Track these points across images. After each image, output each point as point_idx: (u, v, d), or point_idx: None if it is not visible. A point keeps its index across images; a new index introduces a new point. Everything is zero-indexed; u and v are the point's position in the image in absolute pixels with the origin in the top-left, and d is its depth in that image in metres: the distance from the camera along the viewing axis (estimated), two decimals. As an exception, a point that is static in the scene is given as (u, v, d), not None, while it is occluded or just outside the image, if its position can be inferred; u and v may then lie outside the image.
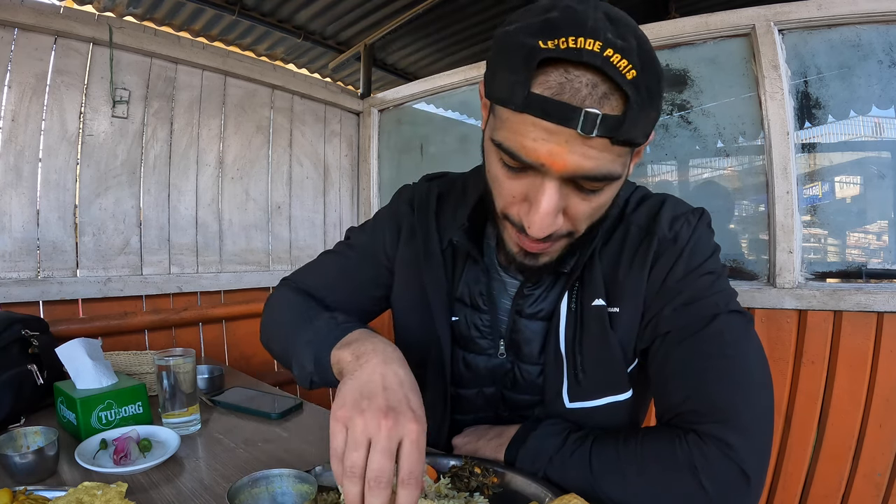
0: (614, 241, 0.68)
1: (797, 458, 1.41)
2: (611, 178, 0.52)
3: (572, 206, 0.54)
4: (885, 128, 1.38)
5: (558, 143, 0.48)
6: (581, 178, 0.51)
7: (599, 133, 0.47)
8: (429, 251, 0.76)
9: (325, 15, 2.24)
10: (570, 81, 0.47)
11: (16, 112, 1.41)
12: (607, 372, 0.67)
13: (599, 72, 0.47)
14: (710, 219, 0.70)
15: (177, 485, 0.69)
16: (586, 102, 0.47)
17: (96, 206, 1.57)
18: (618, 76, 0.46)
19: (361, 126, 2.43)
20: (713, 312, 0.61)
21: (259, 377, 1.34)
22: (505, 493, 0.62)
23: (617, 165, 0.51)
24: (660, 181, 1.69)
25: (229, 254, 1.93)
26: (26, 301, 1.40)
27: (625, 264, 0.66)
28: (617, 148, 0.50)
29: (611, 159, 0.50)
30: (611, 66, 0.46)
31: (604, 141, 0.48)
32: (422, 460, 0.47)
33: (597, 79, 0.47)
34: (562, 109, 0.47)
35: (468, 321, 0.75)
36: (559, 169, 0.50)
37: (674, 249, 0.64)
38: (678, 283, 0.63)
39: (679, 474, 0.54)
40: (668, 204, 0.69)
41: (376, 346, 0.56)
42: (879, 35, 1.34)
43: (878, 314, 1.29)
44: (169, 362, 0.86)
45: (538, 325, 0.71)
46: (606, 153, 0.49)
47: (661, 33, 1.59)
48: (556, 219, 0.54)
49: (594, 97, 0.47)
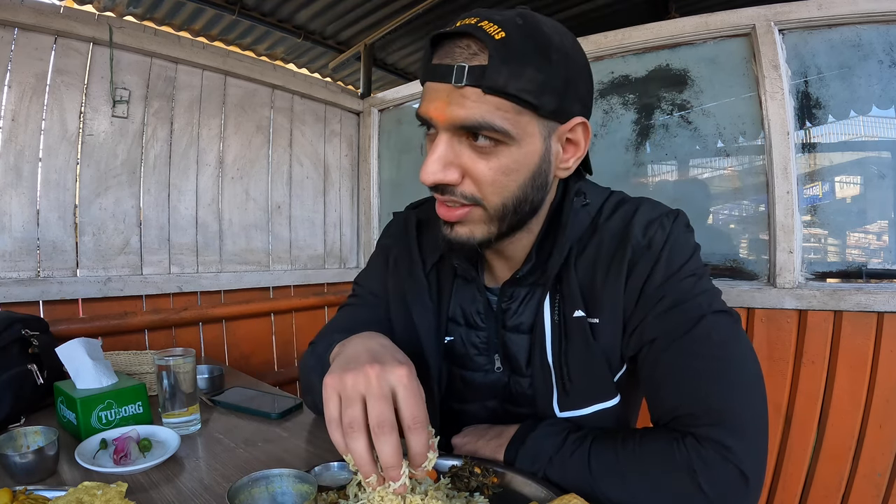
0: (589, 252, 0.68)
1: (797, 458, 1.41)
2: (492, 129, 0.55)
3: (468, 164, 0.58)
4: (885, 128, 1.38)
5: (440, 98, 0.57)
6: (462, 127, 0.56)
7: (468, 82, 0.54)
8: (412, 276, 0.78)
9: (325, 15, 2.24)
10: (451, 48, 0.56)
11: (16, 112, 1.41)
12: (593, 381, 0.67)
13: (471, 36, 0.55)
14: (688, 219, 0.69)
15: (177, 485, 0.69)
16: (457, 60, 0.55)
17: (96, 206, 1.57)
18: (485, 36, 0.54)
19: (361, 126, 2.43)
20: (699, 314, 0.60)
21: (259, 377, 1.34)
22: (505, 493, 0.62)
23: (497, 118, 0.55)
24: (660, 181, 1.69)
25: (229, 254, 1.93)
26: (26, 301, 1.40)
27: (601, 274, 0.66)
28: (493, 99, 0.55)
29: (487, 110, 0.55)
30: (481, 30, 0.54)
31: (476, 91, 0.55)
32: (420, 403, 0.48)
33: (469, 41, 0.55)
34: (440, 69, 0.56)
35: (464, 340, 0.76)
36: (441, 119, 0.57)
37: (649, 255, 0.64)
38: (658, 288, 0.63)
39: (678, 476, 0.55)
40: (643, 209, 0.68)
41: (360, 334, 0.59)
42: (879, 35, 1.34)
43: (879, 314, 1.29)
44: (169, 362, 0.86)
45: (522, 339, 0.72)
46: (481, 104, 0.55)
47: (661, 33, 1.59)
48: (444, 168, 0.58)
49: (465, 55, 0.55)
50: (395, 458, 0.45)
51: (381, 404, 0.46)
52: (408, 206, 0.90)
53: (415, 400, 0.47)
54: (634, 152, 1.70)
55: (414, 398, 0.47)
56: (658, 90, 1.64)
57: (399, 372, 0.48)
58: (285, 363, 2.05)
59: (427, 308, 0.75)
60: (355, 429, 0.46)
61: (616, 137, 1.71)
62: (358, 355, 0.51)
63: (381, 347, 0.53)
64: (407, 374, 0.48)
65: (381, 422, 0.45)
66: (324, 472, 0.62)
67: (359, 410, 0.46)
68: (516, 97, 0.55)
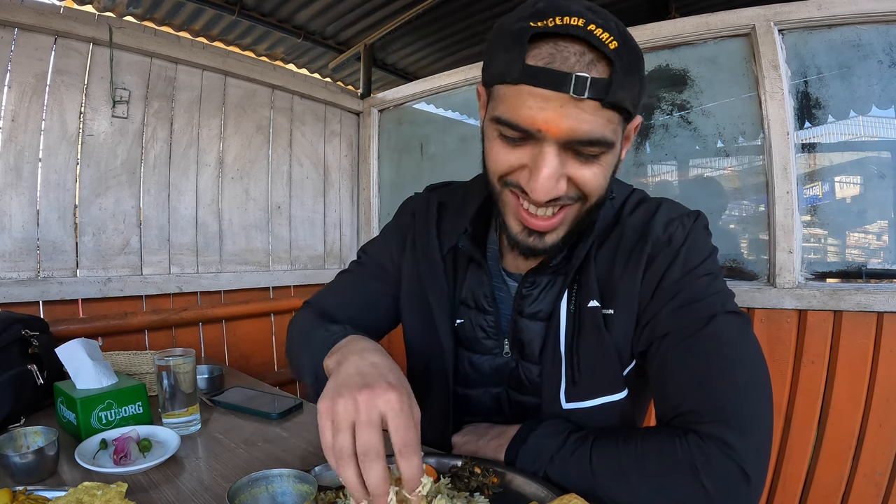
0: (609, 244, 0.69)
1: (797, 458, 1.41)
2: (604, 143, 0.55)
3: (574, 172, 0.57)
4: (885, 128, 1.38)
5: (553, 108, 0.53)
6: (576, 142, 0.55)
7: (590, 95, 0.52)
8: (429, 257, 0.78)
9: (325, 15, 2.24)
10: (559, 52, 0.52)
11: (16, 112, 1.41)
12: (602, 373, 0.67)
13: (584, 42, 0.52)
14: (707, 221, 0.70)
15: (177, 485, 0.69)
16: (576, 68, 0.52)
17: (96, 206, 1.57)
18: (601, 45, 0.52)
19: (361, 126, 2.43)
20: (710, 313, 0.61)
21: (259, 377, 1.34)
22: (505, 493, 0.62)
23: (608, 131, 0.55)
24: (660, 181, 1.69)
25: (229, 254, 1.93)
26: (26, 301, 1.40)
27: (619, 266, 0.67)
28: (607, 112, 0.54)
29: (602, 124, 0.54)
30: (594, 37, 0.52)
31: (594, 104, 0.53)
32: (411, 427, 0.47)
33: (583, 48, 0.52)
34: (554, 76, 0.52)
35: (473, 323, 0.76)
36: (555, 133, 0.54)
37: (668, 251, 0.65)
38: (674, 284, 0.64)
39: (680, 474, 0.54)
40: (664, 207, 0.69)
41: (355, 347, 0.58)
42: (879, 35, 1.34)
43: (878, 314, 1.29)
44: (169, 362, 0.86)
45: (538, 326, 0.72)
46: (598, 117, 0.54)
47: (661, 33, 1.59)
48: (557, 183, 0.57)
49: (582, 63, 0.52)
50: (380, 487, 0.45)
51: (368, 433, 0.46)
52: (427, 188, 0.90)
53: (405, 424, 0.47)
54: (634, 152, 1.70)
55: (404, 423, 0.47)
56: (658, 90, 1.64)
57: (388, 397, 0.47)
58: (285, 363, 2.03)
59: (442, 290, 0.76)
60: (344, 458, 0.46)
61: (616, 137, 1.71)
62: (349, 378, 0.50)
63: (372, 369, 0.52)
64: (397, 398, 0.47)
65: (366, 451, 0.45)
66: (324, 472, 0.62)
67: (348, 439, 0.46)
68: (626, 110, 0.55)
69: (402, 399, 0.48)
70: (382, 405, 0.47)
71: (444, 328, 0.76)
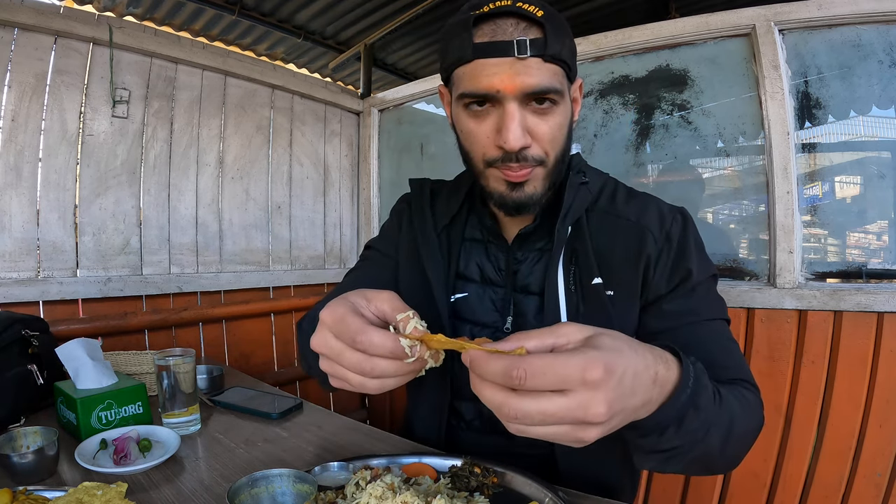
0: (606, 229, 0.75)
1: (797, 458, 1.41)
2: (554, 91, 0.64)
3: (533, 126, 0.66)
4: (885, 128, 1.38)
5: (504, 71, 0.62)
6: (531, 94, 0.63)
7: (532, 53, 0.62)
8: (425, 235, 0.84)
9: (325, 15, 2.24)
10: (499, 27, 0.63)
11: (16, 112, 1.41)
12: None
13: (517, 15, 0.63)
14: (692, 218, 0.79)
15: (177, 485, 0.69)
16: (514, 35, 0.62)
17: (96, 206, 1.57)
18: (531, 14, 0.63)
19: (361, 126, 2.43)
20: (711, 316, 0.71)
21: (259, 377, 1.34)
22: (505, 493, 0.62)
23: (556, 82, 0.64)
24: (660, 181, 1.69)
25: (229, 254, 1.93)
26: (26, 301, 1.40)
27: (619, 255, 0.73)
28: (550, 66, 0.64)
29: (549, 76, 0.64)
30: (523, 10, 0.63)
31: (537, 60, 0.63)
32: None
33: (516, 20, 0.63)
34: (499, 45, 0.62)
35: (479, 296, 0.80)
36: (511, 90, 0.63)
37: (667, 247, 0.73)
38: (672, 277, 0.72)
39: (756, 411, 0.65)
40: (656, 202, 0.78)
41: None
42: (880, 35, 1.34)
43: (879, 314, 1.29)
44: (169, 362, 0.86)
45: (533, 300, 0.76)
46: (543, 70, 0.63)
47: (661, 33, 1.59)
48: (524, 134, 0.65)
49: (518, 30, 0.63)
50: (387, 342, 0.48)
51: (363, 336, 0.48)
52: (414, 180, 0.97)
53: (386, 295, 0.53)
54: (634, 152, 1.70)
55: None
56: (658, 90, 1.64)
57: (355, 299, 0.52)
58: (285, 363, 2.04)
59: (439, 264, 0.81)
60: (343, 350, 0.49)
61: (616, 137, 1.71)
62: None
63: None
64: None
65: (365, 348, 0.48)
66: (323, 472, 0.62)
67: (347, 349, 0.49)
68: (565, 63, 0.65)
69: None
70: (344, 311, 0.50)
71: (442, 301, 0.79)
